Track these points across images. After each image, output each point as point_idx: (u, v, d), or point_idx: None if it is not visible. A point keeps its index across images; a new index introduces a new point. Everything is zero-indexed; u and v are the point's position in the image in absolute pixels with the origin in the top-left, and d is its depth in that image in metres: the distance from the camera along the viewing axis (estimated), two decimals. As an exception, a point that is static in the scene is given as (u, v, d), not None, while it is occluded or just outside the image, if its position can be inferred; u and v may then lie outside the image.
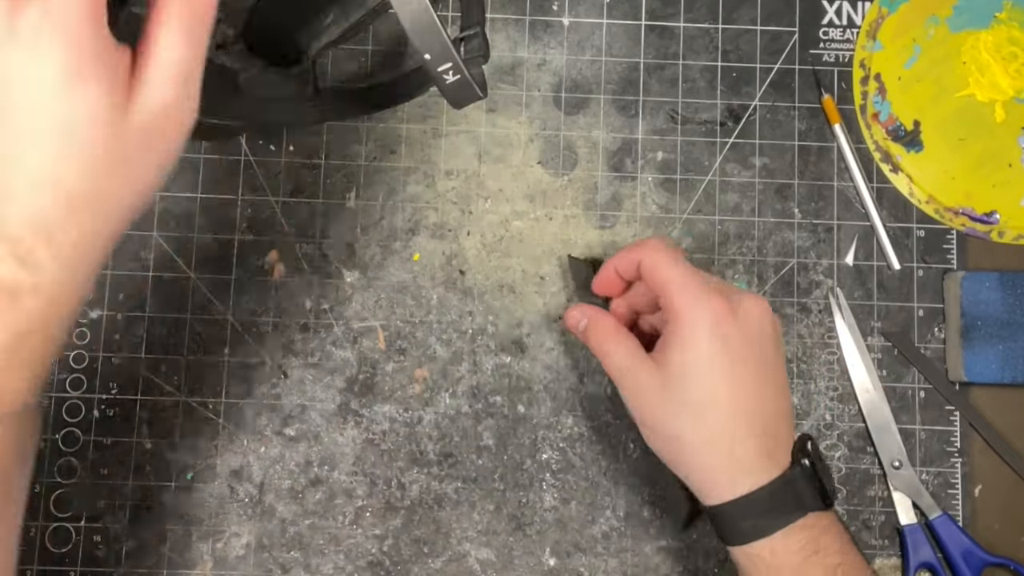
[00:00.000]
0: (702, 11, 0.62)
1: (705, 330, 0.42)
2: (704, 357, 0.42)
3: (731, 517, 0.42)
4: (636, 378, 0.44)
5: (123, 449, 0.57)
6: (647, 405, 0.44)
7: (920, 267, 0.60)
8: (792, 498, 0.42)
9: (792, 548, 0.41)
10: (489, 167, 0.60)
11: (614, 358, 0.46)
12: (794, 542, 0.41)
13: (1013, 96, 0.61)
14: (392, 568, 0.56)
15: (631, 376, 0.44)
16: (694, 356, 0.42)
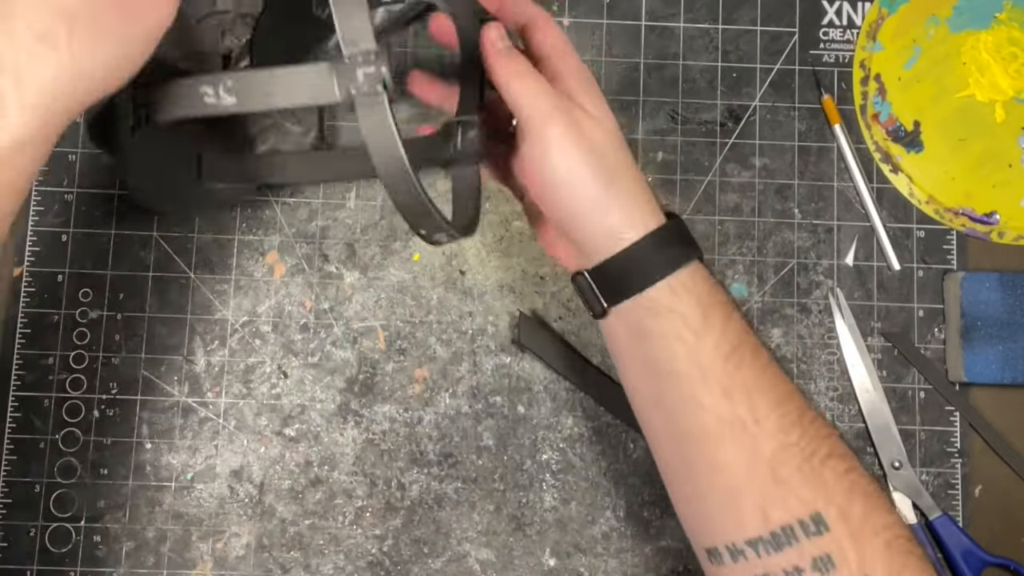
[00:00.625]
0: (702, 11, 0.62)
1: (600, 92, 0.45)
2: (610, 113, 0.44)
3: (653, 249, 0.43)
4: (571, 116, 0.43)
5: (123, 449, 0.57)
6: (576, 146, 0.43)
7: (920, 267, 0.60)
8: (688, 235, 0.44)
9: (703, 275, 0.43)
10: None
11: (541, 90, 0.43)
12: (701, 270, 0.44)
13: (1013, 96, 0.61)
14: (392, 568, 0.56)
15: (564, 113, 0.43)
16: (604, 101, 0.44)
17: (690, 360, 0.42)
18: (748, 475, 0.40)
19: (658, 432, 0.44)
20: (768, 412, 0.41)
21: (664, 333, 0.42)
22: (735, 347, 0.42)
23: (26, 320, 0.57)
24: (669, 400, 0.43)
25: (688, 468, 0.43)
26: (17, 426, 0.57)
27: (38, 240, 0.58)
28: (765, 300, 0.59)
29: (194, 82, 0.41)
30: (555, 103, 0.43)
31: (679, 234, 0.44)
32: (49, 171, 0.59)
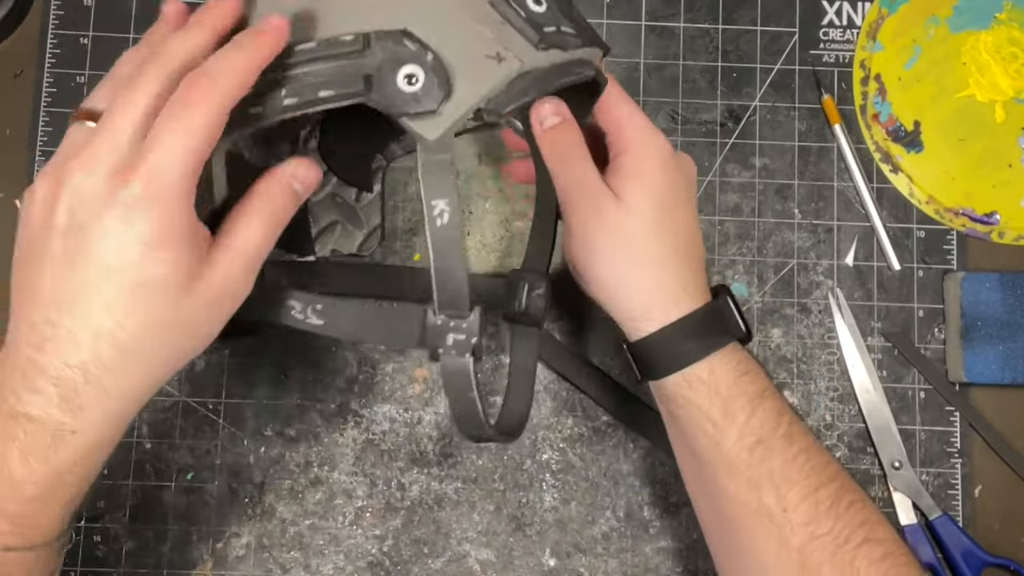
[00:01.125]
0: (702, 11, 0.62)
1: (658, 165, 0.44)
2: (657, 190, 0.43)
3: (670, 342, 0.43)
4: (595, 201, 0.43)
5: (123, 449, 0.57)
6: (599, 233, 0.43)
7: (920, 267, 0.60)
8: (720, 324, 0.44)
9: (726, 367, 0.43)
10: (489, 167, 0.60)
11: (577, 172, 0.44)
12: (727, 362, 0.43)
13: (1013, 96, 0.61)
14: (392, 568, 0.56)
15: (590, 198, 0.43)
16: (649, 188, 0.43)
17: (713, 450, 0.42)
18: (777, 563, 0.41)
19: (698, 501, 0.46)
20: (799, 502, 0.41)
21: (687, 420, 0.43)
22: (761, 439, 0.42)
23: (26, 320, 0.57)
24: (703, 479, 0.44)
25: (723, 546, 0.45)
26: (17, 426, 0.57)
27: (38, 240, 0.58)
28: (765, 300, 0.59)
29: (286, 293, 0.41)
30: (585, 190, 0.43)
31: (709, 321, 0.44)
32: (49, 171, 0.59)
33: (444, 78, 0.37)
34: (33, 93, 0.60)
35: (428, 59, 0.38)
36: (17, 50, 0.60)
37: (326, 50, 0.38)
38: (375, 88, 0.38)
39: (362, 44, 0.38)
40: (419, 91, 0.37)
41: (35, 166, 0.59)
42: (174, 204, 0.35)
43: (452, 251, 0.38)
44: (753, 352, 0.58)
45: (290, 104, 0.38)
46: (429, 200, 0.37)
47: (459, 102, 0.38)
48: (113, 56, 0.60)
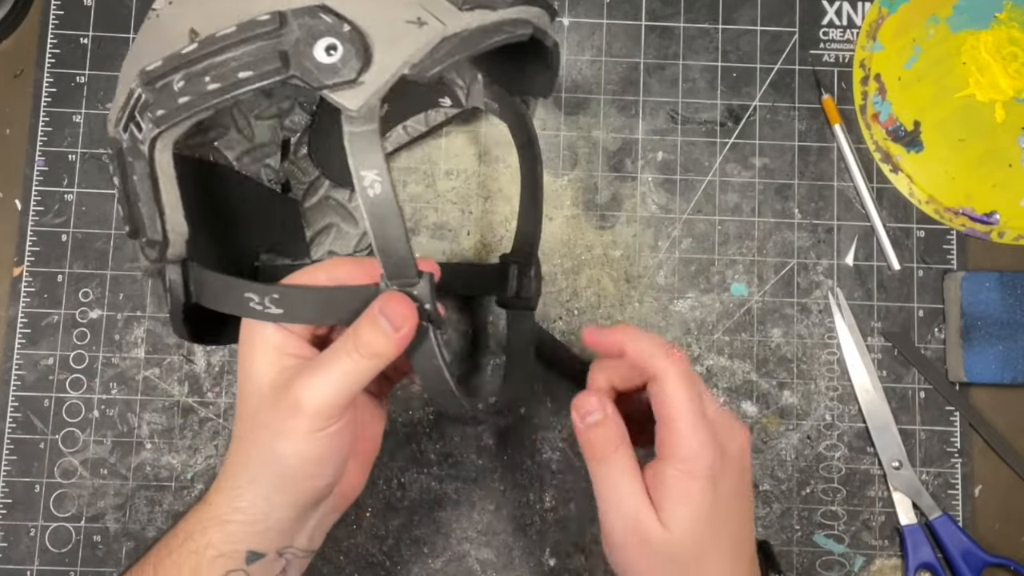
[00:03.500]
0: (702, 11, 0.62)
1: (706, 480, 0.41)
2: (704, 510, 0.41)
3: None
4: (637, 523, 0.41)
5: (123, 449, 0.57)
6: (641, 553, 0.42)
7: (920, 267, 0.60)
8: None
9: None
10: (489, 167, 0.60)
11: (619, 485, 0.42)
12: None
13: (1013, 96, 0.61)
14: (392, 568, 0.56)
15: (632, 520, 0.41)
16: (696, 510, 0.41)
17: None
18: None
19: None
20: None
21: None
22: None
23: (26, 320, 0.58)
24: None
25: None
26: (17, 426, 0.57)
27: (38, 240, 0.58)
28: (765, 300, 0.59)
29: (241, 286, 0.41)
30: (625, 505, 0.41)
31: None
32: (49, 171, 0.59)
33: (362, 47, 0.37)
34: (33, 93, 0.60)
35: (345, 30, 0.37)
36: (17, 50, 0.60)
37: (244, 33, 0.38)
38: (292, 64, 0.37)
39: (278, 22, 0.38)
40: (337, 62, 0.37)
41: (35, 166, 0.59)
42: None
43: (389, 220, 0.37)
44: (753, 352, 0.58)
45: (213, 89, 0.38)
46: (359, 171, 0.37)
47: (380, 70, 0.37)
48: (113, 56, 0.61)
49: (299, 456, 0.39)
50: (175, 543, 0.41)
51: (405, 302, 0.38)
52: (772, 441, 0.58)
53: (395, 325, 0.38)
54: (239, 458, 0.41)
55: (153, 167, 0.41)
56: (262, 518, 0.40)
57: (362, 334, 0.38)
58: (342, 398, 0.38)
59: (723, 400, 0.58)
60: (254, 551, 0.40)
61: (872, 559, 0.57)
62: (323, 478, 0.40)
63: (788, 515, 0.57)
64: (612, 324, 0.43)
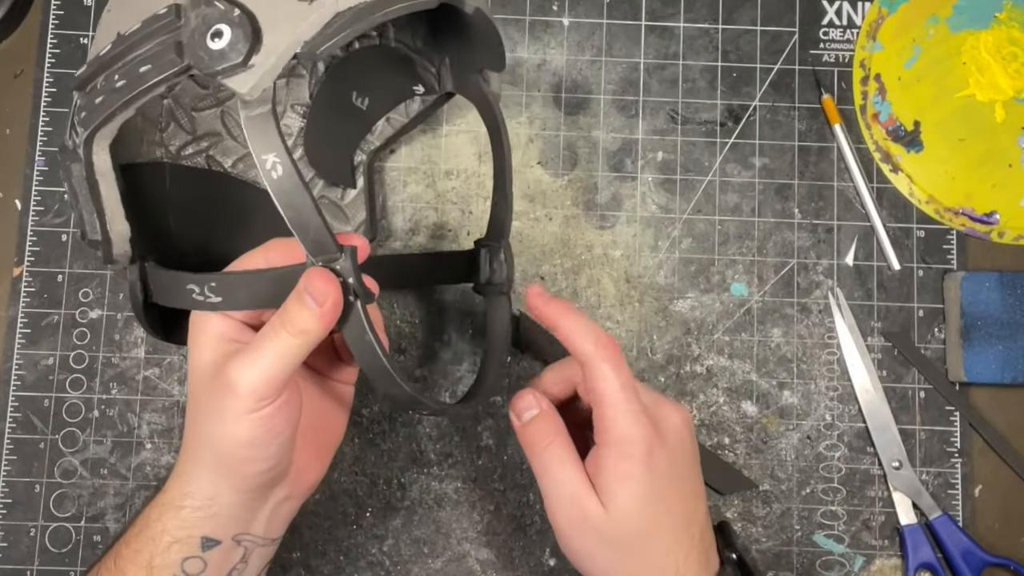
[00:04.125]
0: (702, 11, 0.62)
1: (641, 459, 0.42)
2: (642, 488, 0.42)
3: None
4: (580, 508, 0.42)
5: (123, 449, 0.57)
6: (586, 536, 0.43)
7: (920, 267, 0.60)
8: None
9: None
10: (489, 167, 0.60)
11: (558, 475, 0.43)
12: None
13: (1013, 96, 0.61)
14: (392, 568, 0.56)
15: (574, 505, 0.42)
16: (633, 489, 0.42)
17: None
18: None
19: None
20: None
21: None
22: None
23: (26, 320, 0.58)
24: None
25: None
26: (17, 426, 0.57)
27: (38, 240, 0.58)
28: (765, 300, 0.59)
29: (182, 278, 0.41)
30: (567, 495, 0.43)
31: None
32: (49, 171, 0.59)
33: (250, 30, 0.37)
34: (33, 93, 0.60)
35: (235, 15, 0.37)
36: (17, 50, 0.60)
37: (147, 28, 0.38)
38: (187, 55, 0.37)
39: (175, 14, 0.38)
40: (225, 47, 0.37)
41: (35, 166, 0.59)
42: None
43: (297, 199, 0.37)
44: (753, 352, 0.58)
45: (121, 87, 0.39)
46: (259, 155, 0.37)
47: (269, 51, 0.37)
48: (113, 56, 0.60)
49: (233, 438, 0.39)
50: (133, 532, 0.41)
51: (327, 277, 0.38)
52: (772, 441, 0.58)
53: (318, 301, 0.38)
54: (187, 444, 0.41)
55: (91, 169, 0.41)
56: (209, 503, 0.40)
57: (289, 312, 0.39)
58: (275, 378, 0.38)
59: (723, 400, 0.58)
60: (208, 537, 0.40)
61: (872, 559, 0.57)
62: (263, 461, 0.40)
63: (788, 515, 0.57)
64: (559, 299, 0.43)
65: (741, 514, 0.57)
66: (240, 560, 0.42)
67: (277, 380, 0.39)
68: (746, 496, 0.57)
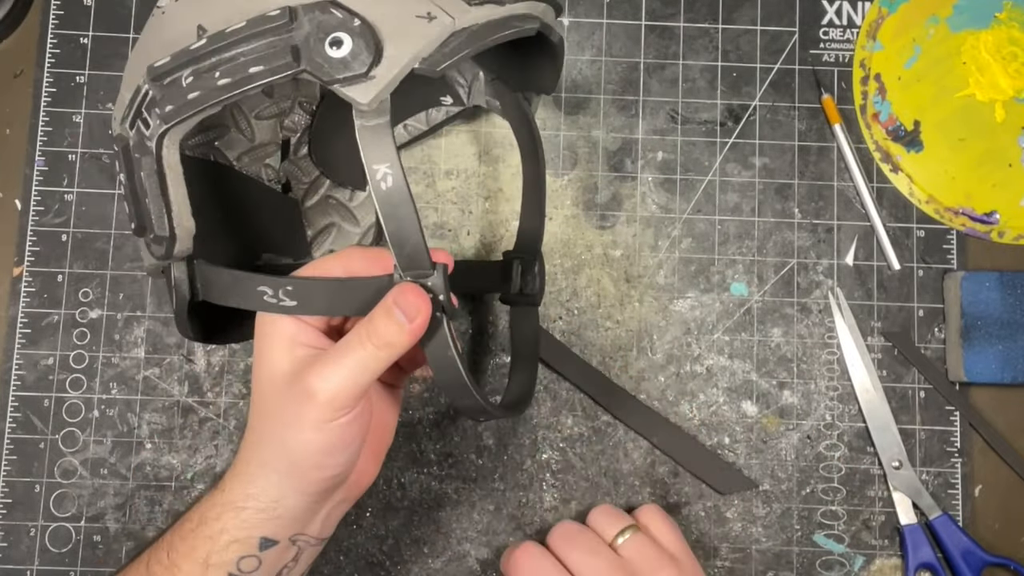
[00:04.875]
0: (702, 11, 0.62)
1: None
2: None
3: None
4: None
5: (123, 449, 0.57)
6: None
7: (920, 267, 0.60)
8: None
9: None
10: (489, 167, 0.60)
11: None
12: None
13: (1013, 96, 0.61)
14: (392, 568, 0.56)
15: None
16: None
17: None
18: None
19: None
20: None
21: None
22: None
23: (26, 320, 0.58)
24: None
25: None
26: (17, 426, 0.57)
27: (38, 240, 0.58)
28: (765, 300, 0.59)
29: (254, 279, 0.41)
30: None
31: None
32: (49, 171, 0.59)
33: (372, 41, 0.37)
34: (33, 93, 0.60)
35: (355, 24, 0.37)
36: (17, 50, 0.60)
37: (254, 28, 0.38)
38: (303, 59, 0.38)
39: (288, 17, 0.38)
40: (347, 56, 0.37)
41: (35, 166, 0.59)
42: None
43: (402, 212, 0.37)
44: (753, 352, 0.58)
45: (224, 84, 0.38)
46: (371, 165, 0.37)
47: (390, 64, 0.37)
48: (113, 56, 0.61)
49: (309, 446, 0.39)
50: (188, 527, 0.41)
51: (419, 293, 0.38)
52: (772, 441, 0.58)
53: (409, 316, 0.38)
54: (253, 446, 0.41)
55: (160, 163, 0.41)
56: (274, 505, 0.40)
57: (376, 325, 0.38)
58: (355, 388, 0.39)
59: (723, 400, 0.58)
60: (267, 538, 0.41)
61: (872, 559, 0.57)
62: (333, 468, 0.40)
63: (788, 515, 0.57)
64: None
65: (741, 514, 0.57)
66: (292, 559, 0.43)
67: (357, 391, 0.39)
68: (746, 496, 0.57)
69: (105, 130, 0.59)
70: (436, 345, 0.40)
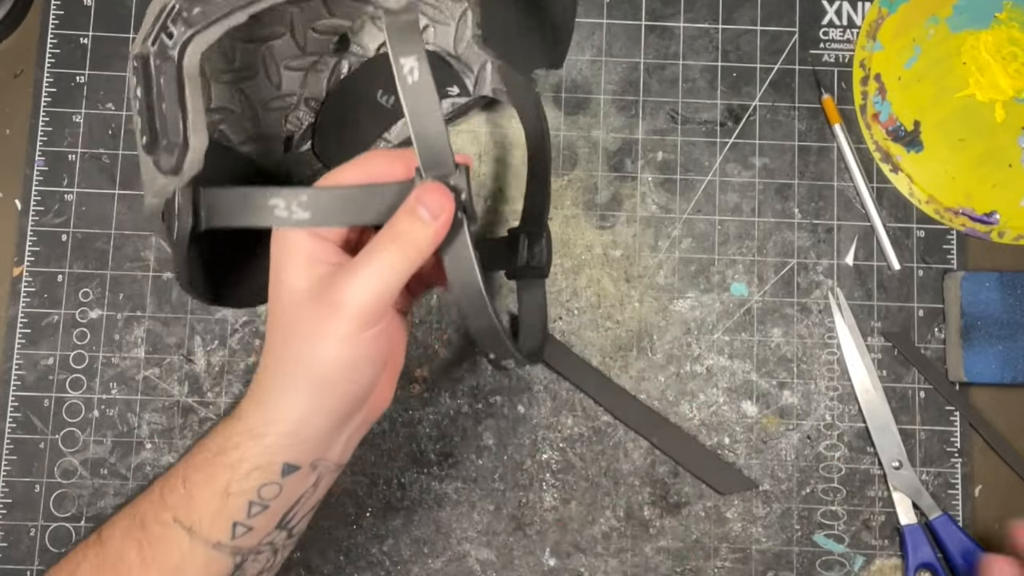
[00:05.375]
0: (702, 11, 0.62)
1: None
2: None
3: None
4: None
5: (123, 449, 0.57)
6: None
7: (920, 267, 0.60)
8: None
9: None
10: (489, 167, 0.60)
11: None
12: None
13: (1013, 96, 0.61)
14: (392, 568, 0.56)
15: None
16: None
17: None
18: None
19: None
20: None
21: None
22: None
23: (26, 320, 0.58)
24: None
25: None
26: (17, 426, 0.57)
27: (38, 240, 0.58)
28: (765, 300, 0.59)
29: (265, 193, 0.40)
30: None
31: None
32: (49, 171, 0.59)
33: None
34: (33, 93, 0.60)
35: None
36: (17, 50, 0.60)
37: None
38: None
39: None
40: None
41: (35, 166, 0.59)
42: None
43: (427, 107, 0.37)
44: (753, 352, 0.58)
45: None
46: (398, 59, 0.37)
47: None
48: (113, 56, 0.61)
49: (336, 360, 0.38)
50: (205, 457, 0.41)
51: (443, 190, 0.38)
52: (772, 441, 0.58)
53: (433, 213, 0.38)
54: (272, 370, 0.40)
55: (180, 71, 0.40)
56: (298, 429, 0.40)
57: (399, 226, 0.38)
58: (384, 296, 0.38)
59: (723, 400, 0.58)
60: (289, 463, 0.40)
61: (872, 559, 0.57)
62: (361, 384, 0.40)
63: (788, 515, 0.57)
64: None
65: (741, 514, 0.57)
66: (311, 485, 0.42)
67: (385, 300, 0.38)
68: (746, 496, 0.57)
69: (105, 130, 0.59)
70: (456, 250, 0.39)
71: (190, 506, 0.40)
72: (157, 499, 0.41)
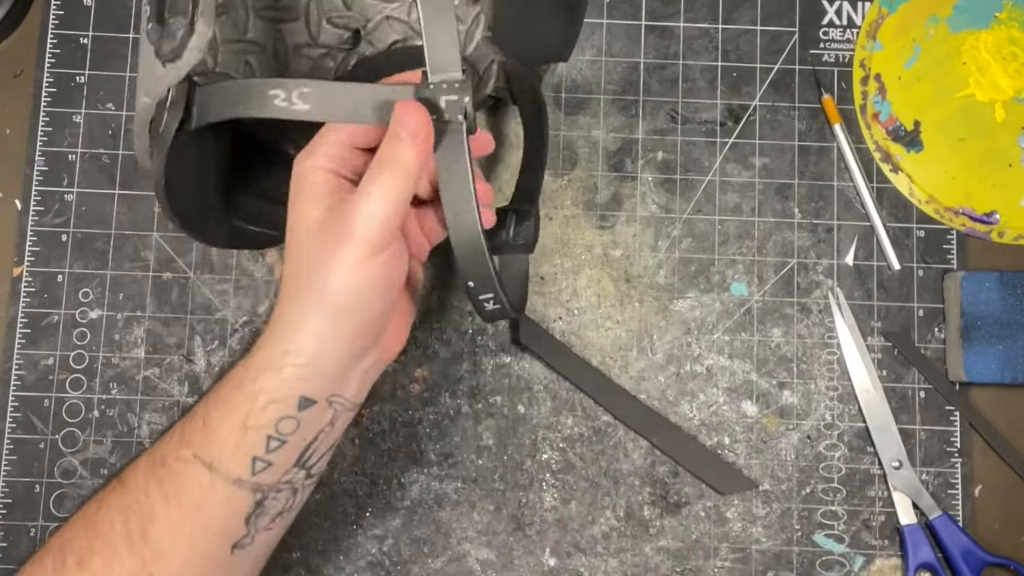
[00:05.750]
0: (702, 11, 0.62)
1: None
2: None
3: None
4: None
5: (123, 449, 0.57)
6: None
7: (920, 267, 0.60)
8: None
9: None
10: (489, 168, 0.60)
11: None
12: None
13: (1013, 96, 0.61)
14: (392, 568, 0.56)
15: None
16: None
17: None
18: None
19: None
20: None
21: None
22: None
23: (26, 320, 0.58)
24: None
25: None
26: (17, 426, 0.57)
27: (38, 240, 0.58)
28: (765, 300, 0.59)
29: (265, 83, 0.39)
30: None
31: None
32: (49, 171, 0.59)
33: None
34: (33, 93, 0.60)
35: None
36: (17, 50, 0.60)
37: None
38: None
39: None
40: None
41: (35, 166, 0.59)
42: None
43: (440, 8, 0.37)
44: (753, 352, 0.58)
45: None
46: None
47: None
48: (113, 56, 0.61)
49: (350, 284, 0.40)
50: (224, 392, 0.42)
51: (418, 107, 0.39)
52: (772, 441, 0.58)
53: (412, 132, 0.39)
54: (289, 302, 0.42)
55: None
56: (315, 360, 0.41)
57: (386, 151, 0.40)
58: (388, 220, 0.40)
59: (723, 400, 0.58)
60: (306, 397, 0.41)
61: (872, 559, 0.57)
62: (372, 312, 0.41)
63: (788, 515, 0.57)
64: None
65: (741, 514, 0.57)
66: (328, 423, 0.43)
67: (391, 223, 0.40)
68: (746, 496, 0.57)
69: (105, 130, 0.59)
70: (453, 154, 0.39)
71: (210, 441, 0.41)
72: (178, 437, 0.42)
